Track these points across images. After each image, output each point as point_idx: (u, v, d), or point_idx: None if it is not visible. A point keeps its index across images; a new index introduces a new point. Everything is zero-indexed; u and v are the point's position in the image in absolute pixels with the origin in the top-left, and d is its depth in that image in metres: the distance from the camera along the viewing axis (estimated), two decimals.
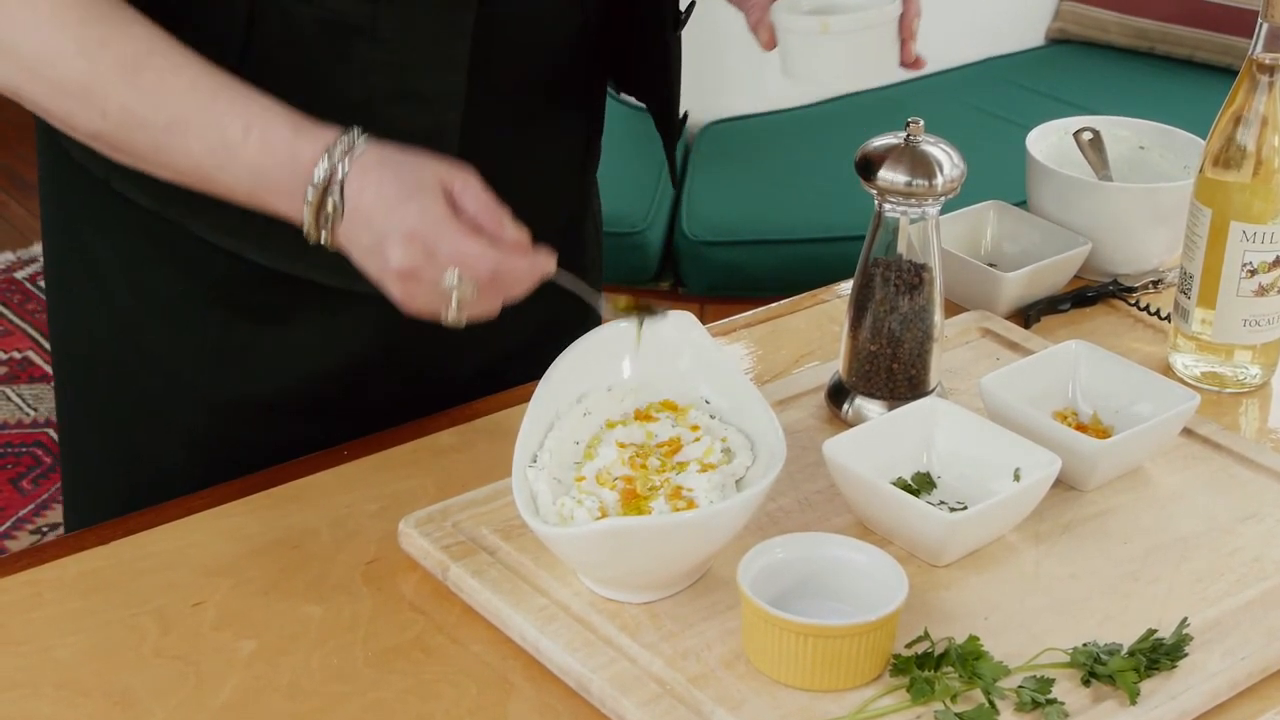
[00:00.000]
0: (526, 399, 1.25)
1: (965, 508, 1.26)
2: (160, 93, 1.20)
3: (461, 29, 1.30)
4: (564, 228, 1.55)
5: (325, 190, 1.19)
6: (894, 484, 1.28)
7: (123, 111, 1.20)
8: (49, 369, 3.60)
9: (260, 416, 1.43)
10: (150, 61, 1.20)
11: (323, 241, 1.20)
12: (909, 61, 1.36)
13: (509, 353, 1.43)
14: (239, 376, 1.42)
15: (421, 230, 1.18)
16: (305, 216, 1.19)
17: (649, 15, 1.48)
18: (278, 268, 1.37)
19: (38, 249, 4.10)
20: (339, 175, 1.19)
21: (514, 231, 1.21)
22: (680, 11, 1.51)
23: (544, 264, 1.21)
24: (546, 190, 1.50)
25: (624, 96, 1.59)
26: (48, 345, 3.68)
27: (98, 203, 1.40)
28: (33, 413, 3.47)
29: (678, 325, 1.30)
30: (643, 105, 1.55)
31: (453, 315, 1.19)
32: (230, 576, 1.24)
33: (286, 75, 1.29)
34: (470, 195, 1.20)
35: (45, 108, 1.23)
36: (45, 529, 3.11)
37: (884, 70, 1.33)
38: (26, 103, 1.23)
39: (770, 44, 1.39)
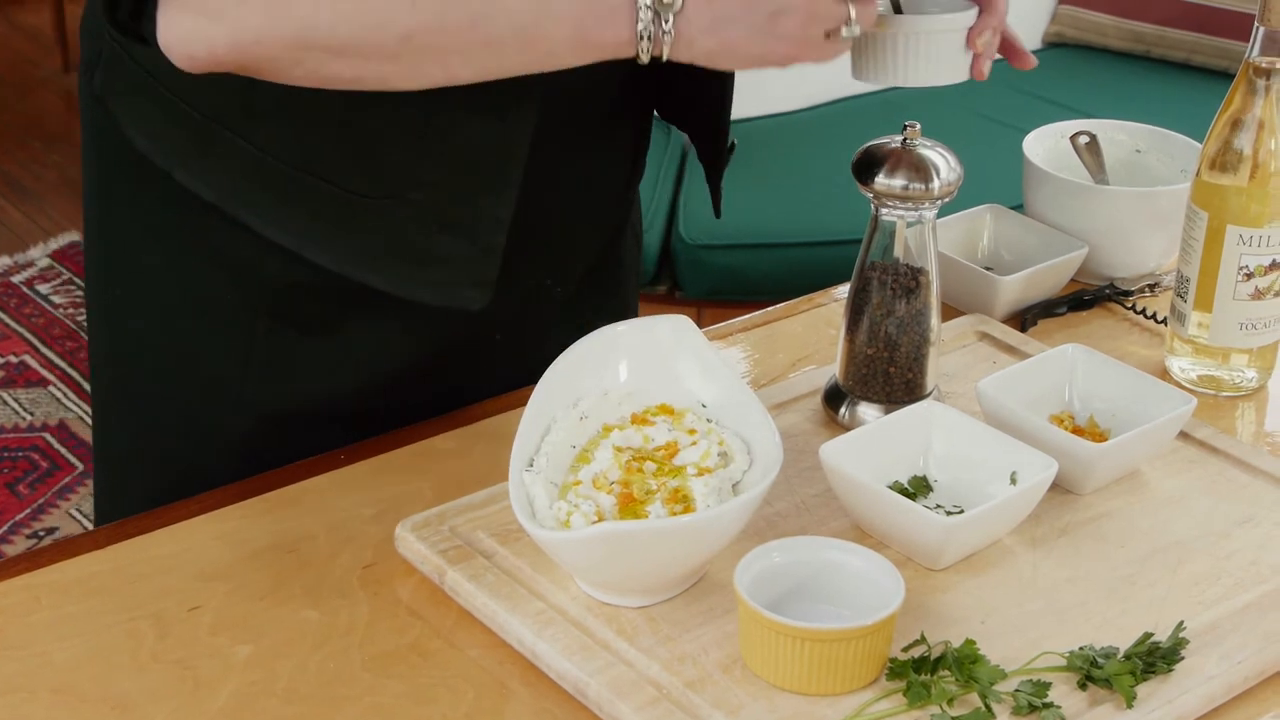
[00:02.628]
0: (523, 403, 1.25)
1: (962, 511, 1.26)
2: None
3: None
4: (605, 240, 1.55)
5: None
6: (891, 488, 1.28)
7: None
8: (45, 373, 3.60)
9: (298, 426, 1.42)
10: None
11: (664, 39, 1.17)
12: (977, 73, 1.31)
13: (545, 363, 1.42)
14: (281, 385, 1.41)
15: None
16: (642, 18, 1.16)
17: None
18: (339, 271, 1.36)
19: (34, 253, 4.10)
20: None
21: None
22: None
23: None
24: (592, 204, 1.49)
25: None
26: (44, 350, 3.68)
27: (150, 200, 1.40)
28: (29, 417, 3.47)
29: (675, 329, 1.30)
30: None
31: (846, 32, 1.19)
32: (227, 581, 1.24)
33: None
34: None
35: (341, 37, 1.16)
36: (42, 533, 3.11)
37: (946, 76, 1.28)
38: (309, 50, 1.17)
39: None
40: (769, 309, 1.64)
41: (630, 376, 1.29)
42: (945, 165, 1.35)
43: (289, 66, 1.19)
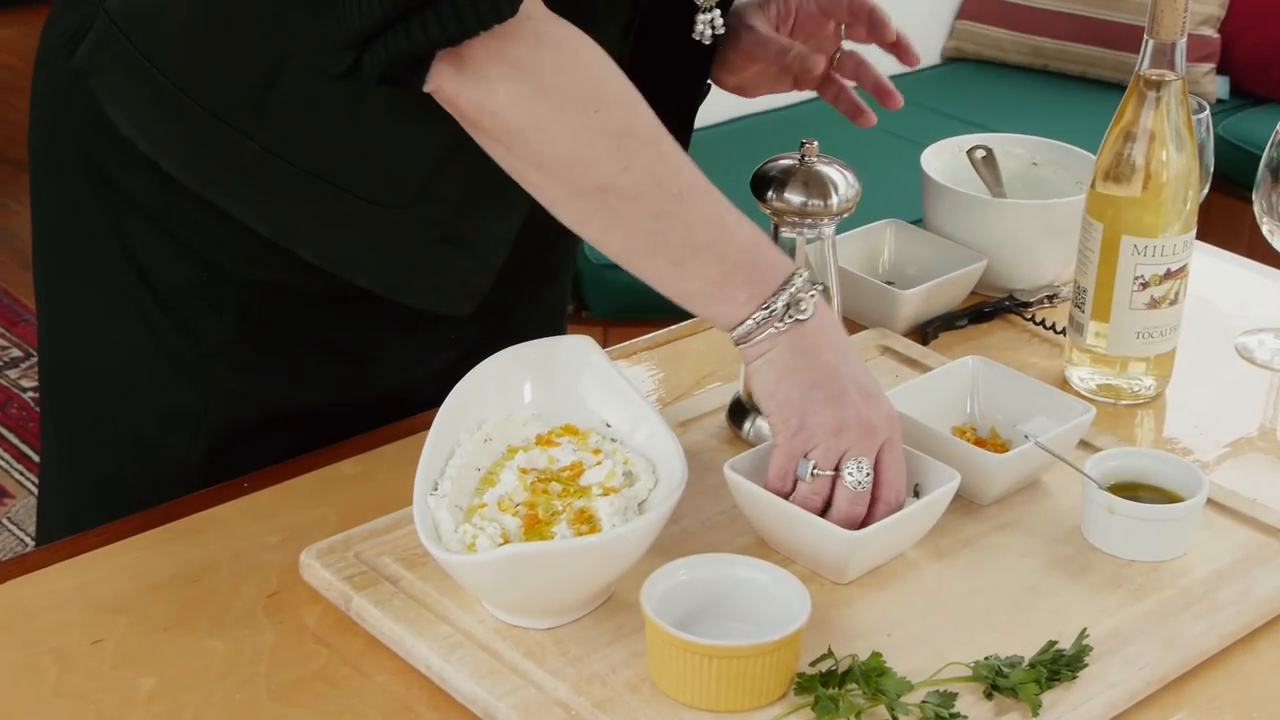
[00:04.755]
0: (428, 427, 1.24)
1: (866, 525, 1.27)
2: (676, 162, 1.22)
3: None
4: (550, 245, 1.55)
5: (807, 288, 1.23)
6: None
7: (646, 170, 1.21)
8: None
9: (250, 435, 1.43)
10: (664, 133, 1.22)
11: (764, 333, 1.23)
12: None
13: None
14: (238, 392, 1.41)
15: (887, 408, 1.24)
16: (779, 300, 1.22)
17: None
18: (322, 264, 1.36)
19: None
20: (813, 287, 1.23)
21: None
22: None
23: None
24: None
25: None
26: None
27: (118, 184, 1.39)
28: None
29: (577, 349, 1.30)
30: None
31: (810, 486, 1.24)
32: (129, 613, 1.22)
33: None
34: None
35: (554, 153, 1.20)
36: None
37: (1171, 553, 1.28)
38: (525, 145, 1.20)
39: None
40: (673, 327, 1.64)
41: (534, 398, 1.29)
42: (843, 181, 1.36)
43: (493, 145, 1.23)
